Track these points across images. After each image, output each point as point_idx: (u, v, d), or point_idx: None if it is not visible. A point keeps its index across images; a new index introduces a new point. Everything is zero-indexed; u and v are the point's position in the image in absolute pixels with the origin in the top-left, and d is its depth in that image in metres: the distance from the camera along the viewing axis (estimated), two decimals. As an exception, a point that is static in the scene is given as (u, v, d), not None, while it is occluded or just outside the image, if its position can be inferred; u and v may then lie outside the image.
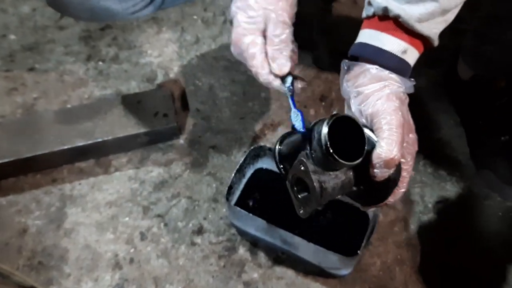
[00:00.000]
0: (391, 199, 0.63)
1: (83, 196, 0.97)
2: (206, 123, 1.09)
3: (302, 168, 0.58)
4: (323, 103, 1.12)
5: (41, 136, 0.97)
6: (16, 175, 0.98)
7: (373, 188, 0.60)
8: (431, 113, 1.10)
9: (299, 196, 0.61)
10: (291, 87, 0.67)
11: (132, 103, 1.03)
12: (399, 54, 0.62)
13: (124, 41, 1.24)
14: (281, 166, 0.65)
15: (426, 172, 1.01)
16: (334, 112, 0.58)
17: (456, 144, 1.05)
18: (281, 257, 0.89)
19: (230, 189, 0.88)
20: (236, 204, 0.90)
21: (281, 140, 0.65)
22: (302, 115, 0.64)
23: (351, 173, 0.59)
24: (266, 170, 0.96)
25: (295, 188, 0.61)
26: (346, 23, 1.25)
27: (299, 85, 0.69)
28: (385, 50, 0.62)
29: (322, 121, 0.56)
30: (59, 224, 0.93)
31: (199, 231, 0.92)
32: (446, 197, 0.97)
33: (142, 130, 0.99)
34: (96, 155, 1.01)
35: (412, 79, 0.64)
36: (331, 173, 0.58)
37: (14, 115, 1.09)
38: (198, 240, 0.91)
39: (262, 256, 0.89)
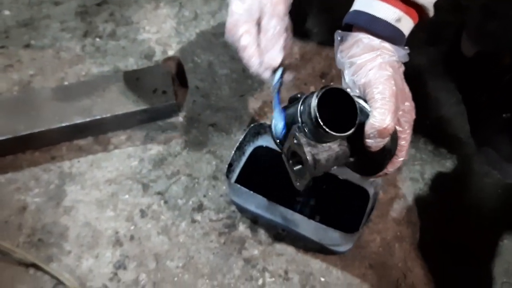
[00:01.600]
0: (390, 169, 0.63)
1: (82, 174, 0.97)
2: (205, 101, 1.08)
3: (295, 141, 0.58)
4: (323, 80, 1.11)
5: (39, 113, 0.96)
6: (14, 152, 0.97)
7: (370, 158, 0.60)
8: (432, 91, 1.09)
9: (294, 168, 0.61)
10: (280, 79, 0.66)
11: (131, 80, 1.02)
12: (392, 22, 0.61)
13: (121, 17, 1.22)
14: (278, 140, 0.64)
15: (426, 149, 1.01)
16: (325, 85, 0.58)
17: (456, 122, 1.04)
18: (281, 234, 0.89)
19: (230, 166, 0.88)
20: (236, 181, 0.90)
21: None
22: (284, 115, 0.63)
23: (345, 144, 0.59)
24: (266, 148, 0.95)
25: (291, 162, 0.61)
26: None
27: (289, 77, 0.68)
28: (379, 18, 0.61)
29: (312, 93, 0.56)
30: (58, 202, 0.93)
31: (199, 208, 0.92)
32: (446, 175, 0.97)
33: (141, 107, 0.98)
34: (95, 132, 1.00)
35: (406, 47, 0.63)
36: (324, 145, 0.58)
37: (10, 92, 1.07)
38: (198, 217, 0.91)
39: (262, 233, 0.89)
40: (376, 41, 0.62)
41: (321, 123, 0.54)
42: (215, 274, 0.85)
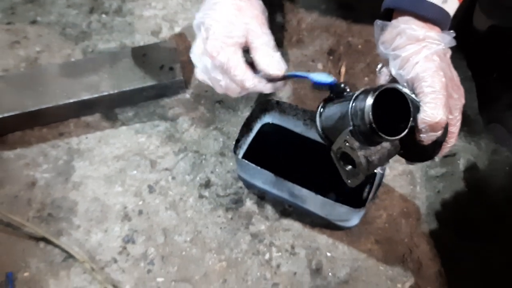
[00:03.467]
0: (438, 155, 0.63)
1: (90, 150, 0.97)
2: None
3: (347, 144, 0.58)
4: (331, 57, 1.10)
5: (47, 89, 0.96)
6: (22, 128, 0.98)
7: (420, 148, 0.61)
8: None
9: (346, 169, 0.61)
10: (299, 73, 0.67)
11: (137, 57, 1.02)
12: (439, 4, 0.60)
13: (128, -7, 1.21)
14: (323, 135, 0.65)
15: (434, 127, 1.00)
16: (379, 84, 0.59)
17: (467, 98, 1.03)
18: (288, 210, 0.90)
19: (238, 142, 0.88)
20: (244, 157, 0.90)
21: (322, 106, 0.65)
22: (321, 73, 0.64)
23: (396, 141, 0.59)
24: (273, 124, 0.95)
25: (341, 162, 0.61)
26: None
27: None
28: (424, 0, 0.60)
29: (363, 94, 0.56)
30: (67, 177, 0.94)
31: (207, 184, 0.93)
32: (453, 152, 0.97)
33: (148, 83, 0.98)
34: (102, 109, 1.00)
35: (452, 31, 0.61)
36: (376, 146, 0.58)
37: (17, 68, 1.07)
38: (205, 193, 0.92)
39: (269, 209, 0.90)
40: (420, 31, 0.60)
41: (377, 130, 0.54)
42: (222, 249, 0.86)
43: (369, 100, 0.54)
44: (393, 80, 0.65)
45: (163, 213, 0.90)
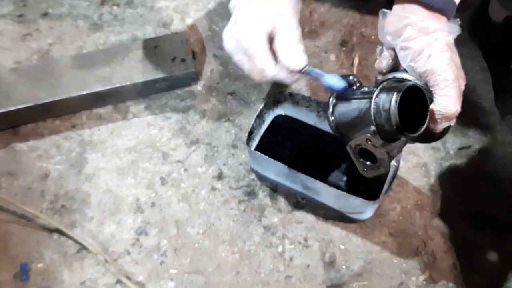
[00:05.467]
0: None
1: (103, 142, 0.97)
2: (224, 69, 1.07)
3: (370, 143, 0.60)
4: (344, 48, 1.09)
5: (59, 81, 0.96)
6: (35, 120, 0.98)
7: (430, 133, 0.62)
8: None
9: (366, 163, 0.63)
10: (314, 71, 0.67)
11: (149, 48, 1.01)
12: None
13: (138, -15, 1.20)
14: (337, 130, 0.67)
15: (448, 118, 0.99)
16: (402, 84, 0.60)
17: (481, 90, 1.02)
18: (300, 202, 0.89)
19: (251, 134, 0.87)
20: (256, 149, 0.89)
21: (335, 101, 0.66)
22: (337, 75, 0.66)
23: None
24: (286, 116, 0.95)
25: (359, 157, 0.63)
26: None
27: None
28: None
29: (385, 94, 0.58)
30: (80, 169, 0.94)
31: (219, 176, 0.93)
32: (469, 144, 0.96)
33: (160, 75, 0.98)
34: (114, 100, 1.00)
35: (458, 20, 0.61)
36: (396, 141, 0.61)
37: (29, 61, 1.07)
38: (218, 185, 0.92)
39: (281, 201, 0.90)
40: (431, 23, 0.60)
41: (403, 130, 0.56)
42: (235, 241, 0.86)
43: (394, 101, 0.56)
44: (395, 63, 0.66)
45: (176, 205, 0.90)
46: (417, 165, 0.93)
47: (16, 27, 1.13)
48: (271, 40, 0.67)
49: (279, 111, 0.94)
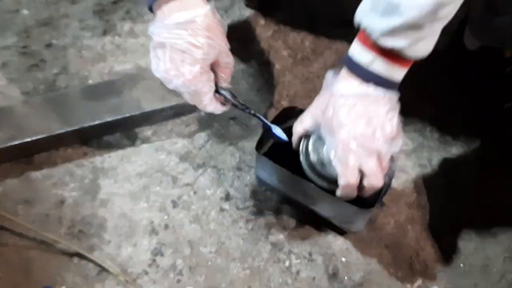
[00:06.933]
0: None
1: (114, 168, 1.03)
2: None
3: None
4: (335, 74, 1.18)
5: (71, 112, 1.01)
6: (48, 150, 1.03)
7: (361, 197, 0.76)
8: (436, 80, 1.17)
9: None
10: (262, 118, 0.85)
11: (154, 78, 1.06)
12: (365, 65, 0.67)
13: (138, 15, 1.26)
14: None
15: (433, 137, 1.09)
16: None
17: (461, 110, 1.12)
18: (303, 220, 0.97)
19: (261, 141, 0.90)
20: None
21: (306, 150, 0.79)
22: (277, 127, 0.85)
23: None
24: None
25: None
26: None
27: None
28: (353, 58, 0.68)
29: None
30: (94, 195, 0.99)
31: (227, 197, 1.00)
32: (452, 160, 1.06)
33: (168, 104, 1.04)
34: (123, 128, 1.06)
35: (396, 92, 0.70)
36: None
37: (37, 91, 1.12)
38: (226, 206, 0.99)
39: (286, 219, 0.97)
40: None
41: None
42: (245, 258, 0.93)
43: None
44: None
45: (188, 226, 0.96)
46: (407, 182, 1.02)
47: (21, 58, 1.17)
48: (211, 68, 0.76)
49: (288, 124, 0.99)
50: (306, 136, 0.78)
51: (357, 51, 0.68)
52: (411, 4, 0.59)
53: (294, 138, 0.79)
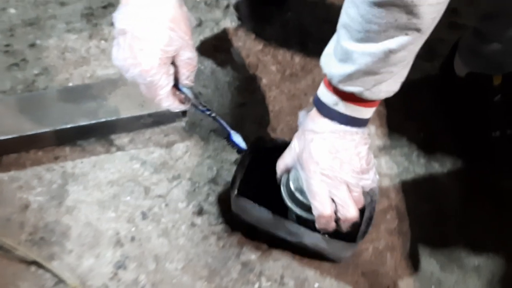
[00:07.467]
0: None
1: (85, 175, 0.99)
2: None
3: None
4: (322, 92, 1.14)
5: (45, 113, 0.98)
6: (18, 151, 0.99)
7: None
8: (427, 105, 1.14)
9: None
10: (221, 121, 0.85)
11: (135, 84, 1.04)
12: (331, 106, 0.69)
13: (126, 21, 1.24)
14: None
15: (419, 163, 1.05)
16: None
17: (450, 136, 1.08)
18: (278, 241, 0.92)
19: (234, 180, 0.86)
20: (239, 193, 0.88)
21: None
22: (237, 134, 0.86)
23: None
24: (267, 159, 0.96)
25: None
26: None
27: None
28: (322, 101, 0.71)
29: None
30: (60, 201, 0.95)
31: (199, 212, 0.95)
32: (438, 188, 1.01)
33: (146, 111, 1.00)
34: (98, 134, 1.02)
35: (365, 128, 0.72)
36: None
37: (14, 90, 1.09)
38: (198, 221, 0.94)
39: (260, 239, 0.92)
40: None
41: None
42: (213, 277, 0.88)
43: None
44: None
45: (155, 240, 0.91)
46: (389, 207, 0.98)
47: (2, 57, 1.14)
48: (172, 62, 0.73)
49: (261, 155, 0.96)
50: (288, 171, 0.81)
51: (323, 93, 0.71)
52: (362, 52, 0.61)
53: (278, 175, 0.81)
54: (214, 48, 1.20)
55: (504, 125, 0.98)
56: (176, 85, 0.77)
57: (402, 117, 1.12)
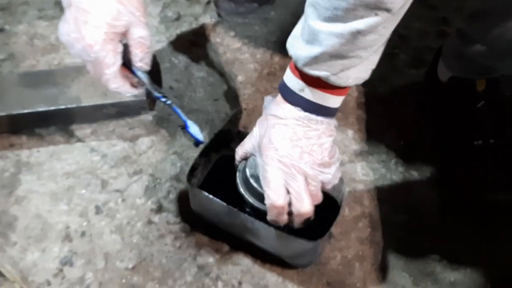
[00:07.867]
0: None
1: (40, 164, 0.93)
2: (178, 102, 1.05)
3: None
4: (300, 93, 1.09)
5: (1, 98, 0.93)
6: (-29, 136, 0.93)
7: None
8: (408, 111, 1.08)
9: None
10: (178, 110, 0.79)
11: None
12: (297, 91, 0.65)
13: (102, 11, 1.19)
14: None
15: (397, 170, 0.99)
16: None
17: (430, 144, 1.03)
18: (239, 244, 0.86)
19: (193, 171, 0.83)
20: (200, 187, 0.85)
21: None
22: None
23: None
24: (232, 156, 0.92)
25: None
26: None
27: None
28: (287, 86, 0.67)
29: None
30: (11, 191, 0.89)
31: (158, 209, 0.89)
32: (415, 197, 0.95)
33: (109, 101, 0.95)
34: (59, 123, 0.96)
35: (333, 119, 0.68)
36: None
37: (-23, 75, 1.04)
38: (155, 219, 0.88)
39: (220, 241, 0.86)
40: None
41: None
42: (165, 279, 0.81)
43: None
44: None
45: (107, 236, 0.85)
46: (361, 215, 0.92)
47: (-32, 40, 1.10)
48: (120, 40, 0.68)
49: (226, 150, 0.91)
50: (246, 158, 0.77)
51: (289, 78, 0.67)
52: (329, 32, 0.57)
53: (236, 160, 0.78)
54: (191, 43, 1.16)
55: (487, 134, 0.93)
56: (130, 68, 0.72)
57: (383, 123, 1.07)
